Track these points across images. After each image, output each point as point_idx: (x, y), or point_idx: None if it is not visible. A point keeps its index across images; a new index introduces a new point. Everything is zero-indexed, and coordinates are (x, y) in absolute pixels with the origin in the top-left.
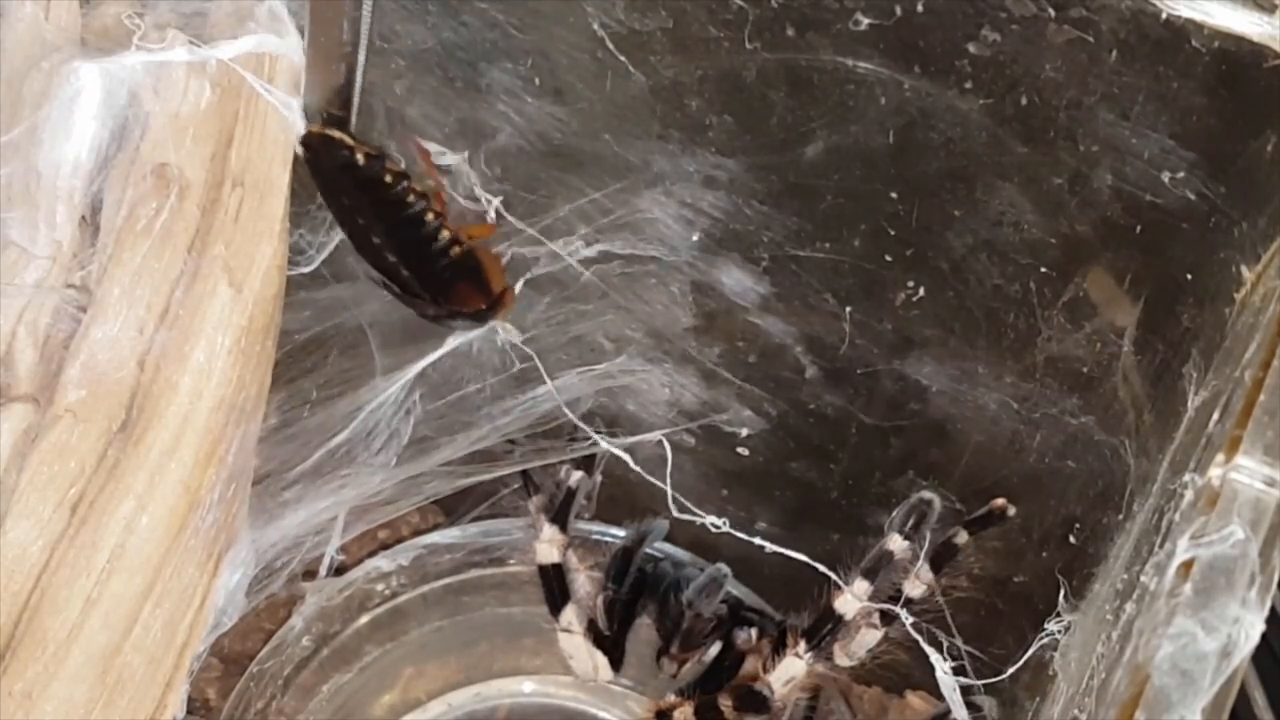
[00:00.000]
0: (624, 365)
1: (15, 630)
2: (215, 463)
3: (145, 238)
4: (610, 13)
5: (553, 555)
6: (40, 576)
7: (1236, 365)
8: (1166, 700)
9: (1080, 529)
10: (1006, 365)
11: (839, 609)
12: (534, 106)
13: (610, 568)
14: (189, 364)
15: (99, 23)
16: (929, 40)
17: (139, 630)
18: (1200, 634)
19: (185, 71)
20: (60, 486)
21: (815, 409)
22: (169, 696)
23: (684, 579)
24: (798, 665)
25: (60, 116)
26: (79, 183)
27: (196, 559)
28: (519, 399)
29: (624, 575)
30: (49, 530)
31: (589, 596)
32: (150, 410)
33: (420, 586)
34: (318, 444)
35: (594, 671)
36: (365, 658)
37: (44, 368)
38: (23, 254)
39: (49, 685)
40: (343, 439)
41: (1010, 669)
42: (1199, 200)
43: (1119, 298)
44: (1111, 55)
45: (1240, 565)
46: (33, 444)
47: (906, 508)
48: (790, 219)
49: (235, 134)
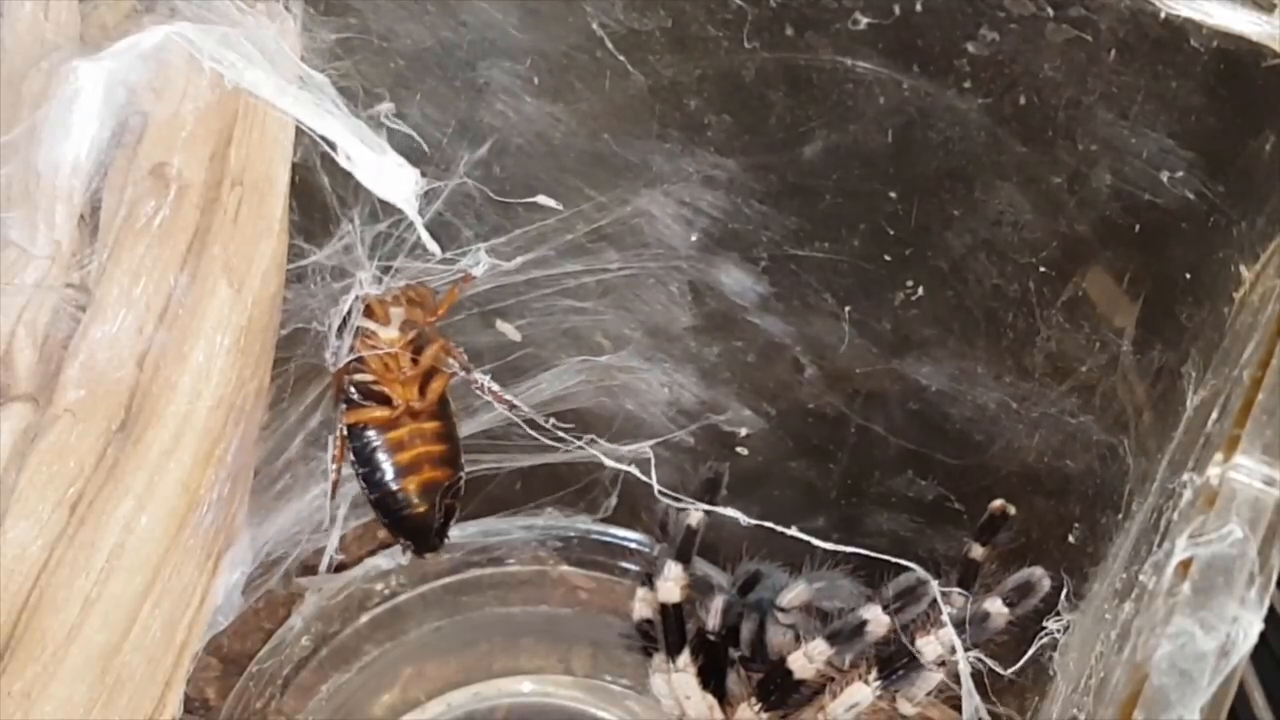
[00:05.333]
0: (623, 363)
1: (14, 630)
2: (214, 462)
3: (144, 237)
4: (609, 12)
5: (675, 594)
6: (39, 576)
7: (1235, 364)
8: (1165, 699)
9: (1079, 528)
10: (1005, 365)
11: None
12: (533, 106)
13: (714, 615)
14: (188, 363)
15: (98, 22)
16: (928, 40)
17: (138, 630)
18: (1199, 633)
19: (184, 71)
20: (59, 486)
21: (814, 409)
22: (168, 696)
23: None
24: (864, 692)
25: (59, 116)
26: (78, 182)
27: (196, 558)
28: (515, 390)
29: (733, 627)
30: (48, 530)
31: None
32: (149, 410)
33: (419, 586)
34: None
35: (708, 712)
36: (364, 657)
37: (43, 367)
38: (22, 254)
39: (48, 685)
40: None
41: (1011, 669)
42: (1198, 199)
43: (1118, 297)
44: (1110, 54)
45: (1239, 564)
46: (32, 443)
47: (901, 585)
48: (789, 218)
49: (234, 133)
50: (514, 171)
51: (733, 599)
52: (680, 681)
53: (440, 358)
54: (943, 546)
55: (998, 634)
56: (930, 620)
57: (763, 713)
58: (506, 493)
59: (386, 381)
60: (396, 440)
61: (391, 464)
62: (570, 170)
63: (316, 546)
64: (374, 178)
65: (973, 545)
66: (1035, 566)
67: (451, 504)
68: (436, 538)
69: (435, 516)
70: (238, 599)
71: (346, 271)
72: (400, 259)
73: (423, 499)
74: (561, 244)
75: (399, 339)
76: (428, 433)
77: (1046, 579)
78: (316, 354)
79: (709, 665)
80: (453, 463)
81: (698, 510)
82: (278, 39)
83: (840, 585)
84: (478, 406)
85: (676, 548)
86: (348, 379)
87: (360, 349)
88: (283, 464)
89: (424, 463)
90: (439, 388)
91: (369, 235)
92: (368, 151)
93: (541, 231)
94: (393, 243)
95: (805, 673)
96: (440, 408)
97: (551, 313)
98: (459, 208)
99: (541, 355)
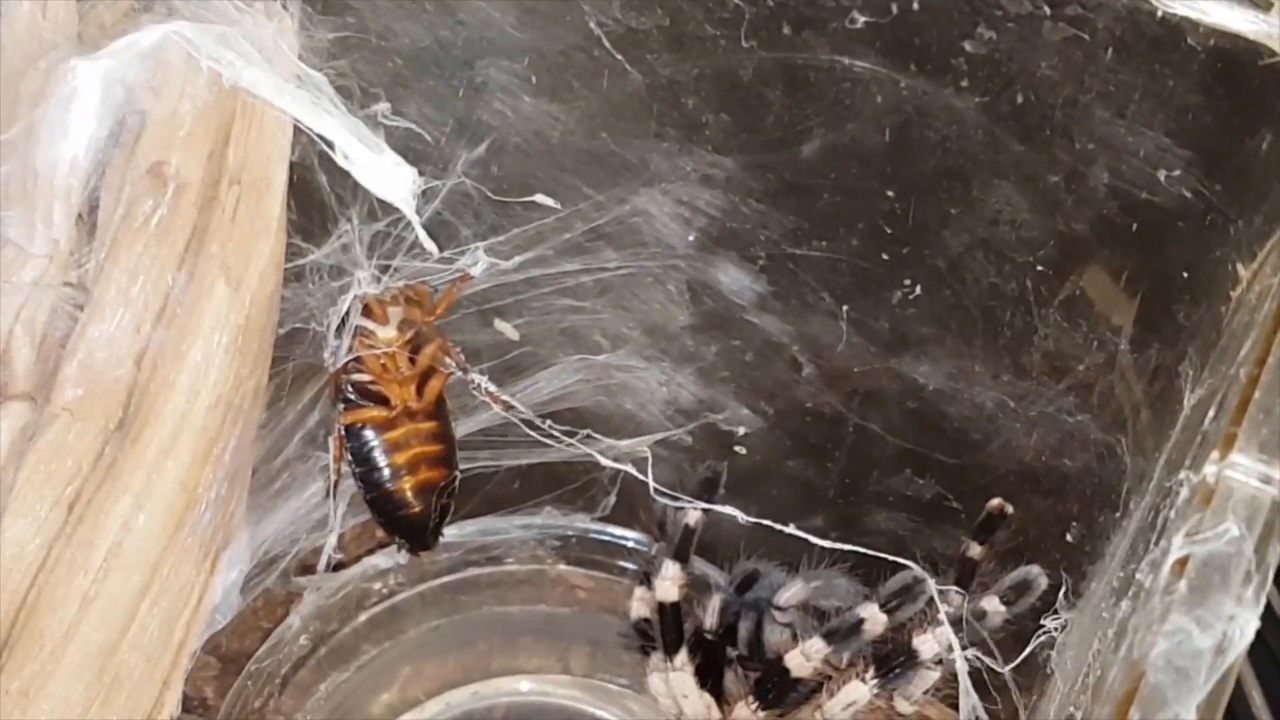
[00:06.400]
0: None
1: (12, 629)
2: (212, 461)
3: (142, 236)
4: (607, 11)
5: (672, 594)
6: (37, 575)
7: (1232, 363)
8: (1162, 697)
9: (1077, 527)
10: (1003, 363)
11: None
12: (531, 105)
13: (711, 614)
14: (186, 362)
15: (96, 21)
16: (925, 38)
17: (136, 628)
18: (1195, 631)
19: (182, 70)
20: (57, 485)
21: (812, 408)
22: (166, 695)
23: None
24: (861, 691)
25: (57, 115)
26: (76, 181)
27: (194, 557)
28: (513, 389)
29: (730, 626)
30: (46, 529)
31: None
32: (147, 409)
33: (418, 585)
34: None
35: (706, 711)
36: (363, 656)
37: (41, 366)
38: (20, 252)
39: (46, 683)
40: (318, 419)
41: (1008, 666)
42: (1195, 198)
43: (1115, 296)
44: (1107, 53)
45: (1235, 562)
46: (30, 442)
47: (897, 584)
48: (787, 217)
49: (232, 132)
50: (512, 170)
51: (730, 598)
52: (678, 680)
53: (438, 358)
54: (940, 545)
55: (995, 632)
56: (927, 619)
57: (760, 711)
58: (504, 492)
59: (384, 382)
60: (394, 440)
61: (388, 464)
62: (568, 169)
63: (315, 545)
64: (372, 177)
65: (970, 544)
66: (1032, 565)
67: (447, 503)
68: (431, 536)
69: (431, 516)
70: (236, 598)
71: (345, 270)
72: (398, 258)
73: (419, 499)
74: (559, 243)
75: (397, 338)
76: (424, 433)
77: (1043, 577)
78: (314, 353)
79: (706, 664)
80: (448, 463)
81: (696, 509)
82: (276, 38)
83: (837, 584)
84: (475, 405)
85: (674, 547)
86: (345, 379)
87: (358, 349)
88: (281, 463)
89: (420, 463)
90: (436, 388)
91: (367, 234)
92: (365, 150)
93: (539, 230)
94: (391, 242)
95: (802, 671)
96: (437, 408)
97: (549, 312)
98: (457, 207)
99: (540, 354)
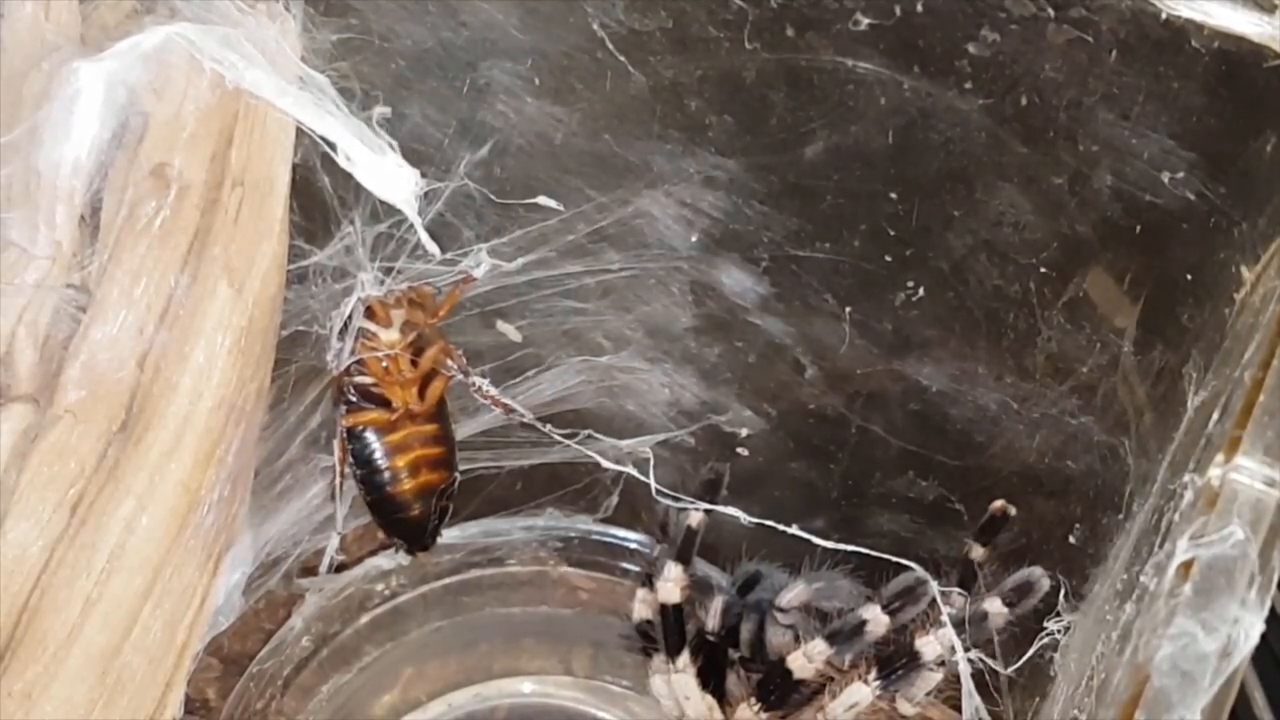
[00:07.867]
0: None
1: (15, 631)
2: (215, 463)
3: (145, 238)
4: (610, 13)
5: (675, 595)
6: (40, 577)
7: (1236, 365)
8: (1166, 700)
9: (1080, 529)
10: (1006, 365)
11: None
12: (534, 106)
13: (713, 616)
14: (189, 364)
15: (99, 22)
16: (929, 40)
17: (139, 630)
18: (1200, 634)
19: (185, 71)
20: (60, 487)
21: (815, 409)
22: (169, 696)
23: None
24: (863, 692)
25: (60, 117)
26: (79, 183)
27: (196, 559)
28: (516, 390)
29: (733, 627)
30: (49, 530)
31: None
32: (150, 410)
33: (420, 586)
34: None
35: (708, 712)
36: (365, 658)
37: (44, 368)
38: (22, 254)
39: (49, 686)
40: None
41: (1010, 668)
42: (1199, 200)
43: (1119, 298)
44: (1111, 55)
45: (1240, 565)
46: (33, 444)
47: (900, 585)
48: (790, 219)
49: (235, 134)
50: (515, 172)
51: (732, 599)
52: (680, 682)
53: (439, 360)
54: (943, 547)
55: (997, 634)
56: (930, 620)
57: (762, 713)
58: (507, 493)
59: (386, 384)
60: (395, 443)
61: (389, 466)
62: (571, 171)
63: (317, 547)
64: (374, 178)
65: (973, 545)
66: (1034, 566)
67: (446, 505)
68: (429, 538)
69: (430, 519)
70: (238, 599)
71: (347, 272)
72: (401, 260)
73: (419, 502)
74: (562, 245)
75: (400, 341)
76: (426, 435)
77: (1046, 579)
78: (317, 355)
79: (709, 666)
80: (449, 465)
81: (698, 511)
82: (278, 39)
83: (840, 585)
84: (477, 407)
85: (677, 548)
86: (347, 381)
87: (361, 351)
88: (283, 464)
89: (421, 465)
90: (438, 390)
91: (370, 236)
92: (368, 152)
93: (542, 232)
94: (394, 244)
95: (805, 673)
96: (438, 410)
97: (552, 313)
98: (460, 208)
99: (542, 356)
